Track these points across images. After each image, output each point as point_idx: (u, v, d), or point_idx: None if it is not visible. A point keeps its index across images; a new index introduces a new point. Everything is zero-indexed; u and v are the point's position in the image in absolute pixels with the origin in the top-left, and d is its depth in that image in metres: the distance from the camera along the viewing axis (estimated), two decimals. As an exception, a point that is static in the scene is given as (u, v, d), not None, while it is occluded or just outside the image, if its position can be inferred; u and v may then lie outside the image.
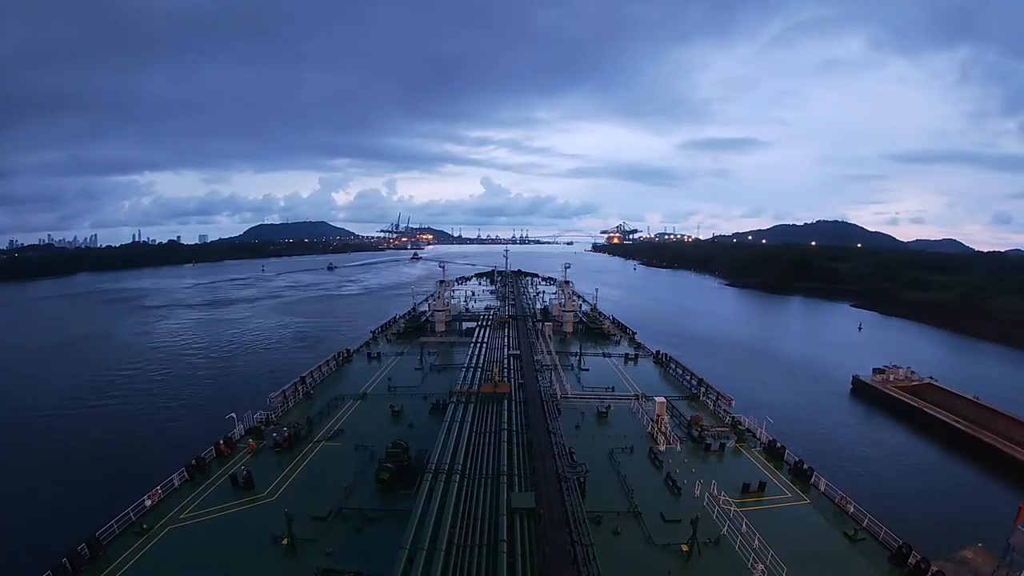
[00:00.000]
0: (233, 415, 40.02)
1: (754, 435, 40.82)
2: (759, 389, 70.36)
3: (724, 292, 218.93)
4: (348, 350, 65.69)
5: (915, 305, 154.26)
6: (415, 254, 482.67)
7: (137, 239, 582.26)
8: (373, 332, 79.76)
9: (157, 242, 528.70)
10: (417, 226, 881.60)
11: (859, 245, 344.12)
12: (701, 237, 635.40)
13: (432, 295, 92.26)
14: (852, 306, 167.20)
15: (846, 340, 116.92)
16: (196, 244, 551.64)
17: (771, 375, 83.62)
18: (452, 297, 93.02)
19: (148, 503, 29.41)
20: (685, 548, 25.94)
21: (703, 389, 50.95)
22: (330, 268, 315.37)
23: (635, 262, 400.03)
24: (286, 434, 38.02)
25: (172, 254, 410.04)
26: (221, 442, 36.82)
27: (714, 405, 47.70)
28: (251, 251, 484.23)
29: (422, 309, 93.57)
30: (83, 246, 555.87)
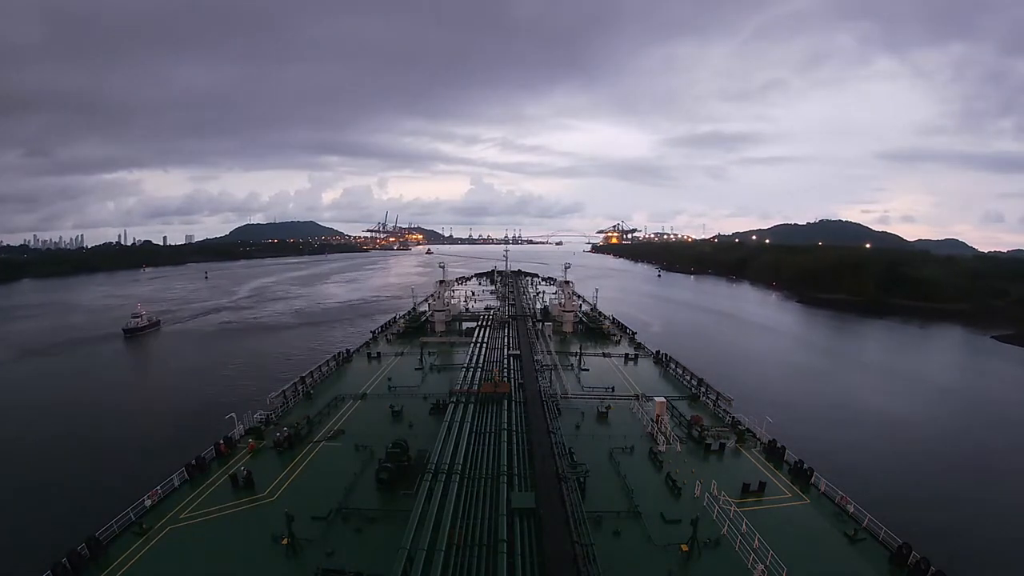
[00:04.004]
0: (233, 415, 39.99)
1: (754, 435, 40.78)
2: None
3: (805, 314, 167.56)
4: (348, 350, 65.69)
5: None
6: (428, 250, 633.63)
7: (123, 239, 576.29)
8: (373, 332, 79.78)
9: (139, 242, 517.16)
10: (406, 225, 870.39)
11: (868, 245, 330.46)
12: (704, 237, 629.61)
13: (432, 295, 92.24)
14: (995, 339, 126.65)
15: None
16: (169, 245, 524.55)
17: None
18: (452, 297, 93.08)
19: (148, 503, 29.40)
20: (685, 548, 25.93)
21: (703, 389, 50.93)
22: (129, 333, 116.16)
23: (647, 266, 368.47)
24: (286, 434, 37.98)
25: (131, 258, 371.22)
26: (221, 442, 36.80)
27: (714, 405, 47.68)
28: (220, 253, 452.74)
29: (422, 309, 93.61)
30: (68, 247, 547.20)
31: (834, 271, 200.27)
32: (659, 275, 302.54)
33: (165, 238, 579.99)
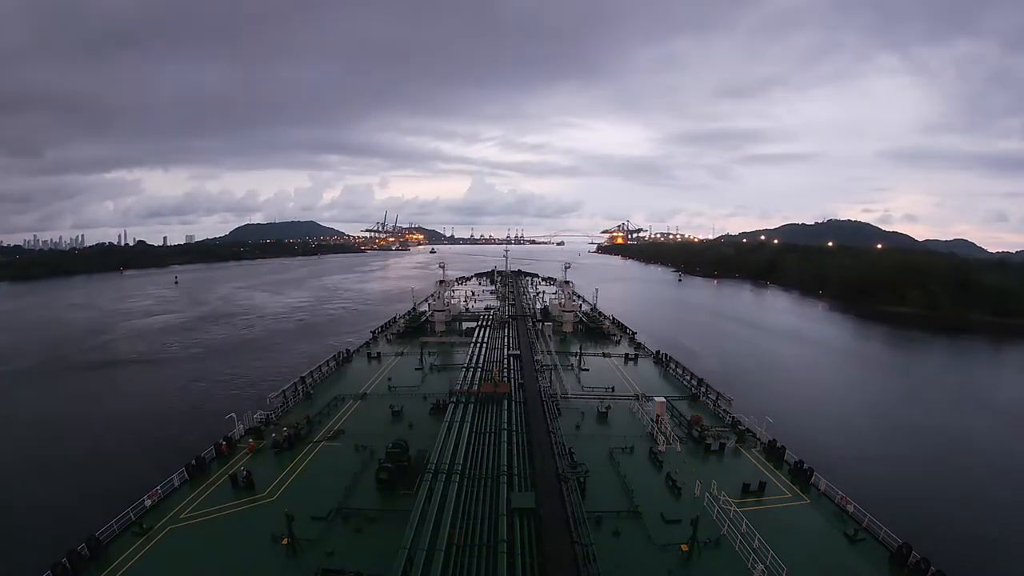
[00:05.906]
0: (233, 415, 40.03)
1: (754, 435, 40.80)
2: None
3: (880, 333, 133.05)
4: (348, 350, 65.69)
5: None
6: (432, 249, 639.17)
7: (122, 239, 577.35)
8: (373, 332, 79.78)
9: (136, 242, 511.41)
10: (407, 225, 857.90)
11: (879, 246, 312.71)
12: (710, 237, 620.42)
13: (432, 295, 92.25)
14: None
15: None
16: (158, 246, 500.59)
17: None
18: (452, 297, 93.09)
19: (148, 503, 29.43)
20: (685, 548, 25.94)
21: (703, 389, 50.94)
22: None
23: (660, 268, 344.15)
24: (286, 434, 38.01)
25: (113, 259, 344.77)
26: (222, 442, 36.84)
27: (714, 405, 47.70)
28: (211, 254, 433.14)
29: (422, 309, 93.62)
30: (67, 247, 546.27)
31: (887, 280, 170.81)
32: (679, 279, 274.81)
33: (165, 238, 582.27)
